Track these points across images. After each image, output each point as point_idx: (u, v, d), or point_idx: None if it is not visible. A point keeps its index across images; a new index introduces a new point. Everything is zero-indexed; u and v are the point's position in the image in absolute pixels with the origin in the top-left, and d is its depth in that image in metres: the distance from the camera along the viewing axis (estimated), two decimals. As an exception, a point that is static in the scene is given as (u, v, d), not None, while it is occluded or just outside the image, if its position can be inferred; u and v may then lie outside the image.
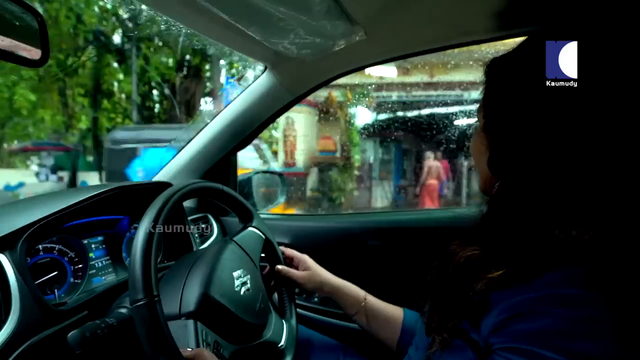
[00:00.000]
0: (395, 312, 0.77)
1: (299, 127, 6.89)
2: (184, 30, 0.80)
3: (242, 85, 1.02)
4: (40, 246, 0.65)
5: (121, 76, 8.37)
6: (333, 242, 1.14)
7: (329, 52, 0.82)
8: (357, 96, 6.31)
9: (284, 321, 0.75)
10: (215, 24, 0.69)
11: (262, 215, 1.29)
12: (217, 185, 0.74)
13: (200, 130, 1.07)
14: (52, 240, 0.67)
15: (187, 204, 1.13)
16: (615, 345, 0.30)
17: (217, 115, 1.04)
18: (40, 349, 0.52)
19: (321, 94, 6.69)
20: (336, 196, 6.61)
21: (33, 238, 0.58)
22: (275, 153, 6.80)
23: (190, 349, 0.49)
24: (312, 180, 7.04)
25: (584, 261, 0.34)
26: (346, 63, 0.91)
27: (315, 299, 1.15)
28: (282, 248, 0.87)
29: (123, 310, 0.58)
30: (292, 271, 0.81)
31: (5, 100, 6.97)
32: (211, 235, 1.12)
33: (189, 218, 1.04)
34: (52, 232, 0.64)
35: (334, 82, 0.96)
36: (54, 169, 7.51)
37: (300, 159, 6.94)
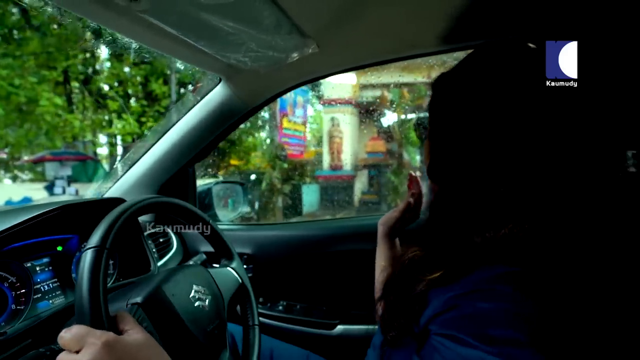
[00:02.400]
0: None
1: (345, 128, 6.73)
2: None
3: (196, 96, 1.01)
4: (-24, 273, 0.61)
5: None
6: (294, 250, 1.15)
7: (283, 64, 0.84)
8: (414, 95, 5.96)
9: None
10: (164, 38, 0.68)
11: (222, 226, 1.28)
12: (201, 214, 0.74)
13: (154, 143, 1.05)
14: (-10, 266, 0.63)
15: (143, 217, 1.09)
16: (521, 334, 0.34)
17: (171, 128, 1.02)
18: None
19: (367, 94, 6.52)
20: (392, 199, 6.27)
21: (-32, 265, 0.55)
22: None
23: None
24: (361, 183, 6.81)
25: (503, 260, 0.38)
26: (300, 74, 0.93)
27: (280, 307, 1.15)
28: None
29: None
30: None
31: (23, 105, 6.28)
32: (170, 249, 1.10)
33: (146, 233, 1.02)
34: (-11, 257, 0.61)
35: (383, 81, 0.95)
36: (69, 181, 6.84)
37: (346, 161, 6.77)
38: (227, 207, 1.42)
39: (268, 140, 7.20)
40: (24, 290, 0.66)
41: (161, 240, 1.08)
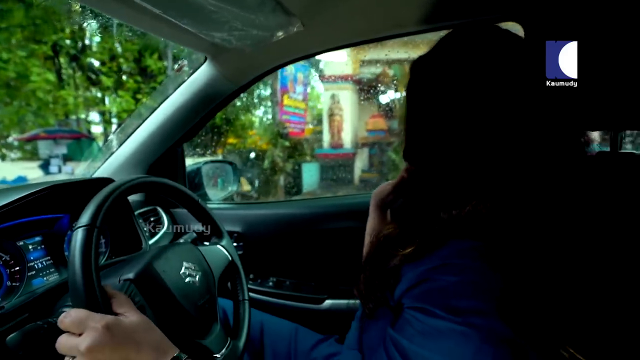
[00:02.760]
0: None
1: (345, 105, 6.58)
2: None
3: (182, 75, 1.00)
4: (-31, 252, 0.62)
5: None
6: (284, 228, 1.18)
7: (268, 43, 0.84)
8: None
9: (229, 338, 0.71)
10: (147, 17, 0.68)
11: (212, 205, 1.30)
12: (190, 193, 0.75)
13: (141, 124, 1.05)
14: (-17, 245, 0.64)
15: (134, 197, 1.10)
16: (485, 304, 0.37)
17: (157, 107, 1.02)
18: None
19: (368, 70, 6.33)
20: (392, 177, 6.38)
21: (-39, 244, 0.56)
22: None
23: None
24: (361, 161, 6.71)
25: (469, 235, 0.40)
26: (287, 53, 0.93)
27: (270, 283, 1.19)
28: None
29: (66, 309, 0.58)
30: None
31: (12, 80, 5.96)
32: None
33: (137, 212, 1.03)
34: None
35: (387, 57, 0.94)
36: (65, 160, 6.65)
37: (346, 139, 6.64)
38: (216, 186, 1.44)
39: (269, 118, 7.07)
40: (18, 268, 0.68)
41: (152, 219, 1.10)
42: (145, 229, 1.03)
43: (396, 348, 0.40)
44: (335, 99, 6.67)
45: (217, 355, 0.64)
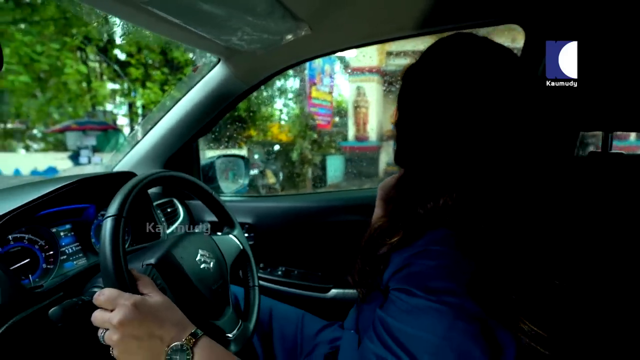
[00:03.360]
0: None
1: (371, 97, 6.55)
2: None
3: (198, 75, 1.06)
4: (10, 236, 0.69)
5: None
6: (293, 220, 1.23)
7: (278, 45, 0.89)
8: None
9: (240, 321, 0.77)
10: (165, 24, 0.74)
11: (225, 198, 1.36)
12: (205, 186, 0.81)
13: (159, 120, 1.11)
14: (22, 230, 0.72)
15: (153, 189, 1.18)
16: (457, 285, 0.42)
17: (174, 105, 1.09)
18: (23, 326, 0.59)
19: (394, 62, 6.24)
20: None
21: (4, 229, 0.63)
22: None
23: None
24: (386, 154, 6.58)
25: (444, 225, 0.45)
26: (295, 55, 0.98)
27: (279, 272, 1.26)
28: None
29: (96, 289, 0.65)
30: None
31: (46, 72, 6.03)
32: (177, 218, 1.19)
33: (155, 203, 1.10)
34: (21, 222, 0.69)
35: (414, 48, 0.95)
36: (94, 151, 6.80)
37: (372, 132, 6.62)
38: (229, 179, 1.50)
39: (292, 109, 7.02)
40: (51, 252, 0.76)
41: (169, 210, 1.17)
42: (162, 219, 1.10)
43: (383, 325, 0.45)
44: (361, 91, 6.58)
45: (229, 335, 0.70)
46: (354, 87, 6.78)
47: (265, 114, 6.73)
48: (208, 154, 1.48)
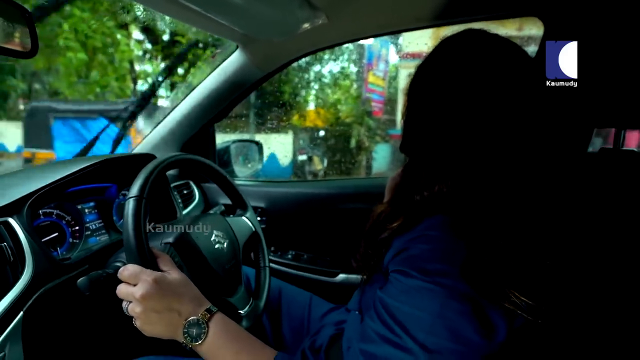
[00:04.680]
0: None
1: None
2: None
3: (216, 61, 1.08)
4: (40, 211, 0.74)
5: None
6: (304, 206, 1.26)
7: (295, 34, 0.90)
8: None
9: (252, 299, 0.81)
10: (187, 11, 0.76)
11: (239, 182, 1.40)
12: (221, 170, 0.84)
13: (177, 104, 1.15)
14: (51, 206, 0.77)
15: (170, 172, 1.22)
16: (450, 267, 0.44)
17: (192, 90, 1.11)
18: (53, 295, 0.64)
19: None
20: None
21: (35, 204, 0.68)
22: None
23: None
24: None
25: (441, 211, 0.48)
26: (312, 44, 0.99)
27: (289, 256, 1.30)
28: None
29: (118, 264, 0.69)
30: None
31: (99, 50, 5.95)
32: (193, 200, 1.23)
33: (172, 185, 1.15)
34: (51, 198, 0.74)
35: None
36: None
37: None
38: (243, 164, 1.53)
39: (354, 95, 6.69)
40: (77, 228, 0.81)
41: (185, 192, 1.21)
42: (179, 200, 1.14)
43: (382, 305, 0.48)
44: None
45: (241, 312, 0.75)
46: (405, 74, 6.59)
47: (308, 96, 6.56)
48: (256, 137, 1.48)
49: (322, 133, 6.43)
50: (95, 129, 4.73)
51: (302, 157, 6.06)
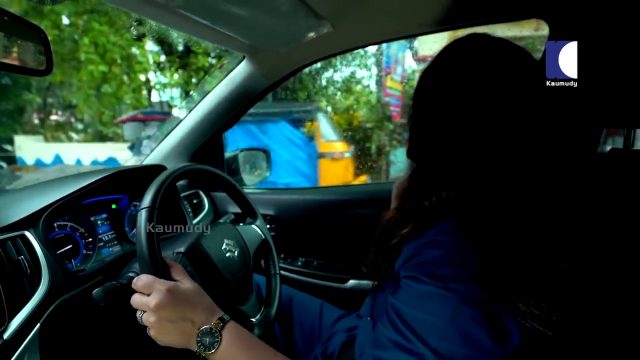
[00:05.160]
0: None
1: None
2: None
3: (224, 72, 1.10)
4: (55, 224, 0.76)
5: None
6: (313, 212, 1.26)
7: (301, 43, 0.91)
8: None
9: (263, 307, 0.80)
10: (195, 25, 0.77)
11: (248, 190, 1.41)
12: (230, 179, 0.85)
13: (186, 116, 1.16)
14: (65, 219, 0.78)
15: (180, 182, 1.23)
16: (462, 272, 0.44)
17: (201, 101, 1.13)
18: (68, 306, 0.65)
19: None
20: None
21: (51, 217, 0.69)
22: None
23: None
24: None
25: (451, 216, 0.48)
26: (318, 52, 1.00)
27: (299, 263, 1.30)
28: None
29: (131, 274, 0.70)
30: None
31: (117, 62, 6.06)
32: (203, 209, 1.24)
33: (182, 195, 1.16)
34: (65, 211, 0.75)
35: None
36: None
37: None
38: (252, 172, 1.54)
39: (373, 100, 6.69)
40: (90, 239, 0.82)
41: (194, 201, 1.22)
42: (189, 210, 1.15)
43: (394, 311, 0.48)
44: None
45: (253, 320, 0.75)
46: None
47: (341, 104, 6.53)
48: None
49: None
50: (274, 132, 4.58)
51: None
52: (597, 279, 0.52)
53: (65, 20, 6.02)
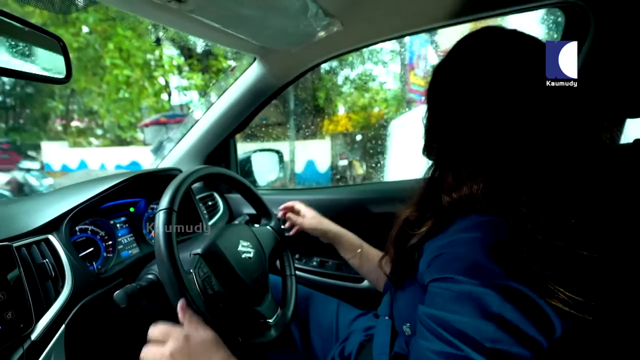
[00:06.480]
0: None
1: None
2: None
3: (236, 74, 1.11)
4: (77, 228, 0.78)
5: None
6: (327, 212, 1.25)
7: (311, 43, 0.91)
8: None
9: (279, 307, 0.81)
10: (206, 29, 0.78)
11: (261, 191, 1.42)
12: (245, 181, 0.87)
13: (199, 119, 1.18)
14: (86, 222, 0.80)
15: (195, 184, 1.25)
16: (495, 265, 0.41)
17: (214, 104, 1.14)
18: (91, 308, 0.67)
19: None
20: None
21: (73, 221, 0.71)
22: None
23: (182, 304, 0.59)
24: None
25: (476, 211, 0.46)
26: (327, 51, 0.99)
27: (314, 263, 1.30)
28: (291, 203, 0.98)
29: (150, 276, 0.71)
30: (301, 219, 0.93)
31: (141, 66, 6.20)
32: (218, 211, 1.26)
33: (197, 197, 1.18)
34: (86, 215, 0.77)
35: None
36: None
37: None
38: (265, 173, 1.55)
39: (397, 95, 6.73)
40: (110, 242, 0.84)
41: (210, 203, 1.24)
42: (204, 212, 1.17)
43: (433, 320, 0.45)
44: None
45: (270, 320, 0.75)
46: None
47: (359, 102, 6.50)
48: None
49: (358, 137, 6.41)
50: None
51: (343, 163, 6.02)
52: (626, 267, 0.50)
53: (84, 29, 6.18)
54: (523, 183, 0.46)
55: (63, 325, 0.62)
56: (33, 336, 0.58)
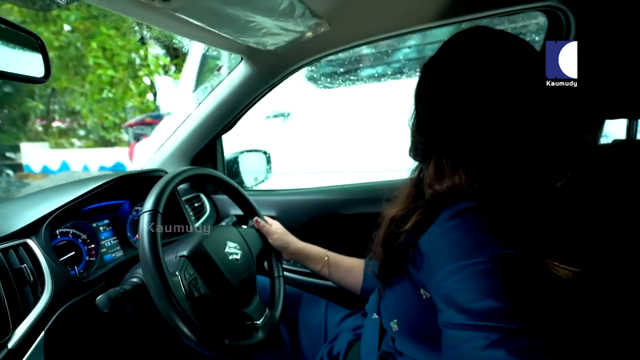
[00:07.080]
0: (354, 262, 0.92)
1: None
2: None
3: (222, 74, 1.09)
4: (57, 231, 0.76)
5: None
6: (315, 212, 1.26)
7: (298, 43, 0.91)
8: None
9: (267, 309, 0.80)
10: (192, 28, 0.77)
11: (249, 192, 1.41)
12: (232, 182, 0.85)
13: (185, 119, 1.16)
14: (67, 226, 0.78)
15: (181, 185, 1.23)
16: (497, 241, 0.42)
17: (199, 104, 1.13)
18: (72, 313, 0.65)
19: None
20: None
21: (53, 224, 0.69)
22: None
23: None
24: None
25: (461, 199, 0.47)
26: (315, 51, 0.99)
27: (302, 264, 1.29)
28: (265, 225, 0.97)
29: (135, 279, 0.70)
30: (267, 226, 0.92)
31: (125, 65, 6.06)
32: (204, 212, 1.24)
33: (183, 198, 1.16)
34: (67, 218, 0.75)
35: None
36: None
37: None
38: (252, 174, 1.54)
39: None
40: (93, 246, 0.82)
41: (196, 205, 1.22)
42: (190, 213, 1.15)
43: (465, 313, 0.40)
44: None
45: (257, 322, 0.74)
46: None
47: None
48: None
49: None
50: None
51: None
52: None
53: (66, 27, 6.04)
54: (506, 170, 0.47)
55: (43, 332, 0.60)
56: (10, 344, 0.56)
